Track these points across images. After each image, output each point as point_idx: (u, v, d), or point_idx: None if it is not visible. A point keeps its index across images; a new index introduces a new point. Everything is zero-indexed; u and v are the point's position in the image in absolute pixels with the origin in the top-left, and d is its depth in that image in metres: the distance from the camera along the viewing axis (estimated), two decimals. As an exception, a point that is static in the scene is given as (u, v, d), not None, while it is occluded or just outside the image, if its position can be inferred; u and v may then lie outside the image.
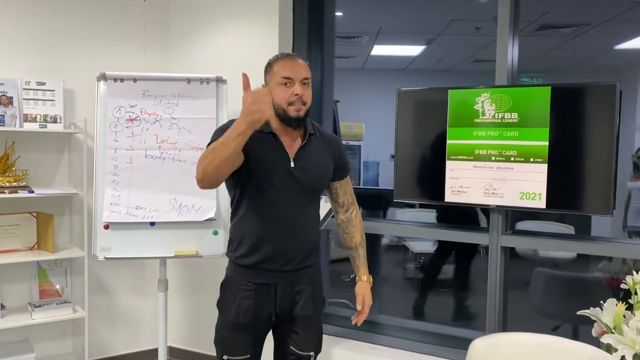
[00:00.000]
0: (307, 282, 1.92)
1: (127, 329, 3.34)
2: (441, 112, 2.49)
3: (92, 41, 3.14)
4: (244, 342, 1.86)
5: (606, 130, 2.15)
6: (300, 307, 1.89)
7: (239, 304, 1.85)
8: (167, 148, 2.73)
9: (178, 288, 3.34)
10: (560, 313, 3.01)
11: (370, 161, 7.34)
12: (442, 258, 4.75)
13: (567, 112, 2.23)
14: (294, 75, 1.78)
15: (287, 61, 1.81)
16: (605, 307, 1.87)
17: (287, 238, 1.85)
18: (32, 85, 2.86)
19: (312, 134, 1.90)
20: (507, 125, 2.35)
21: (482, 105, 2.40)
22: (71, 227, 3.10)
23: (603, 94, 2.18)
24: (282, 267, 1.86)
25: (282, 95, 1.78)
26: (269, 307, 1.87)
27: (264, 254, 1.84)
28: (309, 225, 1.92)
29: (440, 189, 2.51)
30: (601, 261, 2.88)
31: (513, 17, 2.48)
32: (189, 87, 2.76)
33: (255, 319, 1.86)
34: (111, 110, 2.72)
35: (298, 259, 1.88)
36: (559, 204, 2.27)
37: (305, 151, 1.86)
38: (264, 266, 1.85)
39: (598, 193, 2.18)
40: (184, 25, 3.33)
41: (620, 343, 1.76)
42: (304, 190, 1.86)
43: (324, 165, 1.92)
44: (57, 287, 3.02)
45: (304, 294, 1.90)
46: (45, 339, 3.04)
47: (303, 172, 1.84)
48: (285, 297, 1.88)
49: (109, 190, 2.69)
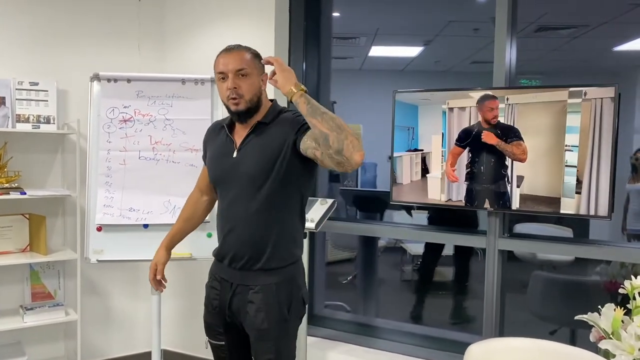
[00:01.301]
0: (261, 289, 1.76)
1: (120, 332, 3.30)
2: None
3: (86, 41, 3.11)
4: (217, 329, 1.93)
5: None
6: (249, 318, 1.78)
7: (209, 292, 1.94)
8: (161, 149, 2.70)
9: (172, 291, 3.29)
10: (558, 317, 2.99)
11: (368, 162, 7.31)
12: (431, 259, 4.70)
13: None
14: (225, 68, 1.75)
15: (222, 54, 1.79)
16: (603, 312, 1.84)
17: (234, 233, 1.81)
18: (25, 85, 2.83)
19: (264, 123, 1.79)
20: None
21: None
22: (64, 228, 3.07)
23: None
24: (232, 264, 1.82)
25: (220, 91, 1.79)
26: (224, 303, 1.86)
27: (218, 248, 1.90)
28: (260, 222, 1.75)
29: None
30: (599, 264, 2.86)
31: (511, 18, 2.46)
32: (183, 87, 2.73)
33: (220, 309, 1.88)
34: (104, 111, 2.69)
35: (246, 259, 1.79)
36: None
37: (250, 140, 1.80)
38: (226, 263, 1.86)
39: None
40: (179, 25, 3.30)
41: (619, 349, 1.73)
42: (242, 180, 1.77)
43: (266, 152, 1.74)
44: (54, 289, 2.99)
45: (255, 304, 1.77)
46: (37, 342, 3.01)
47: (241, 161, 1.80)
48: (237, 299, 1.82)
49: (102, 192, 2.66)
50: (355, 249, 4.65)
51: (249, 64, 1.76)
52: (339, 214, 4.02)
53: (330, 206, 2.56)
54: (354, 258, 5.18)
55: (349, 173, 7.04)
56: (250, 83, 1.75)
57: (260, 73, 1.80)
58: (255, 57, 1.80)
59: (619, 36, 5.69)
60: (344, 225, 3.10)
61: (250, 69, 1.75)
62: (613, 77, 6.76)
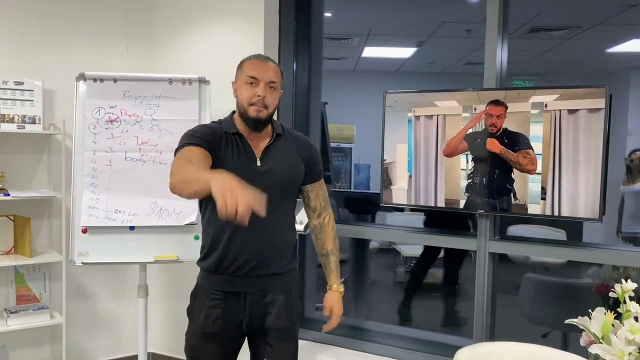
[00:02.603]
0: (280, 291, 1.84)
1: (106, 335, 3.26)
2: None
3: (73, 40, 3.06)
4: (213, 352, 1.82)
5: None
6: (272, 319, 1.82)
7: (207, 312, 1.81)
8: (148, 150, 2.66)
9: (159, 293, 3.27)
10: (550, 320, 2.97)
11: (362, 164, 7.30)
12: (427, 262, 4.69)
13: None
14: (260, 75, 1.76)
15: (256, 61, 1.80)
16: (594, 316, 1.82)
17: (255, 241, 1.77)
18: (9, 84, 2.79)
19: (280, 134, 1.86)
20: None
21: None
22: (50, 230, 3.03)
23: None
24: (252, 272, 1.78)
25: (246, 94, 1.77)
26: (238, 317, 1.81)
27: (231, 259, 1.79)
28: (280, 228, 1.83)
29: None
30: (592, 267, 2.84)
31: (502, 19, 2.44)
32: (170, 87, 2.69)
33: (224, 329, 1.81)
34: (90, 111, 2.65)
35: (268, 264, 1.81)
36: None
37: (272, 150, 1.83)
38: (232, 272, 1.79)
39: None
40: (168, 25, 3.26)
41: (609, 353, 1.71)
42: (272, 190, 1.72)
43: (293, 163, 1.86)
44: (39, 292, 2.95)
45: (276, 305, 1.82)
46: (22, 345, 2.96)
47: (270, 170, 1.80)
48: (255, 306, 1.82)
49: (88, 194, 2.62)
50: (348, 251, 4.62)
51: (279, 79, 1.82)
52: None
53: (320, 208, 2.52)
54: (346, 260, 5.16)
55: (340, 177, 7.04)
56: (276, 97, 1.81)
57: (281, 89, 1.87)
58: (282, 75, 1.87)
59: (611, 38, 5.70)
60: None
61: (278, 85, 1.81)
62: (606, 78, 6.77)
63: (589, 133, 2.14)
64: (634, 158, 4.76)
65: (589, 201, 2.16)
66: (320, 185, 1.97)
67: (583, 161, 2.16)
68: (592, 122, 2.13)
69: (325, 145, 3.63)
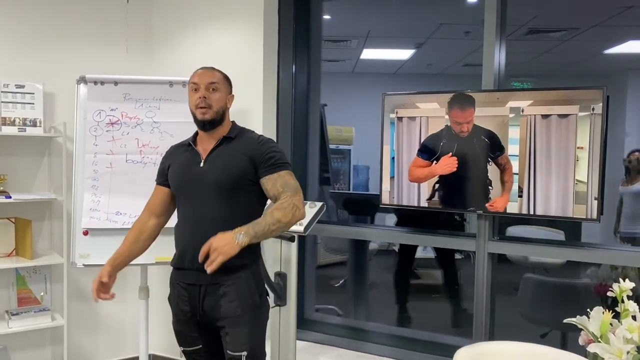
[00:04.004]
0: (233, 284, 1.92)
1: (107, 337, 3.27)
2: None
3: (73, 43, 3.08)
4: (192, 335, 2.02)
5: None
6: (224, 308, 1.92)
7: (177, 301, 2.03)
8: (148, 152, 2.68)
9: (160, 295, 3.26)
10: (549, 320, 2.98)
11: (361, 165, 7.31)
12: (405, 258, 4.64)
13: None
14: (199, 80, 1.97)
15: (198, 71, 2.02)
16: (592, 315, 1.83)
17: (199, 237, 1.83)
18: (10, 88, 2.80)
19: (230, 137, 2.00)
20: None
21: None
22: (51, 232, 3.04)
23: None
24: (200, 267, 1.81)
25: (191, 100, 1.98)
26: (196, 306, 1.96)
27: (182, 255, 1.97)
28: (226, 224, 1.84)
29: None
30: (590, 267, 2.85)
31: (500, 21, 2.45)
32: (171, 90, 2.71)
33: (192, 316, 1.98)
34: (91, 114, 2.66)
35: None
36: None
37: (216, 152, 1.98)
38: (186, 266, 1.95)
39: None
40: (167, 28, 3.28)
41: (607, 352, 1.72)
42: (210, 187, 1.92)
43: (233, 161, 1.94)
44: (41, 294, 2.96)
45: (228, 296, 1.92)
46: (23, 347, 2.97)
47: (210, 169, 1.95)
48: (210, 298, 1.93)
49: (89, 196, 2.63)
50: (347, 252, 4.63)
51: (220, 81, 2.00)
52: (330, 217, 4.00)
53: (319, 209, 2.54)
54: (346, 261, 5.17)
55: (339, 178, 7.05)
56: (219, 97, 1.98)
57: (227, 92, 2.03)
58: (225, 79, 2.04)
59: (609, 39, 5.72)
60: (334, 228, 3.09)
61: (220, 85, 1.99)
62: (604, 79, 6.79)
63: (560, 136, 2.23)
64: (633, 159, 4.77)
65: (559, 200, 2.23)
66: (278, 176, 1.93)
67: (555, 163, 2.24)
68: (562, 127, 2.23)
69: (324, 147, 3.64)
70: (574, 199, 2.21)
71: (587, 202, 2.19)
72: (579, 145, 2.20)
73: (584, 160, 2.19)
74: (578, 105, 2.19)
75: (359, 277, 4.19)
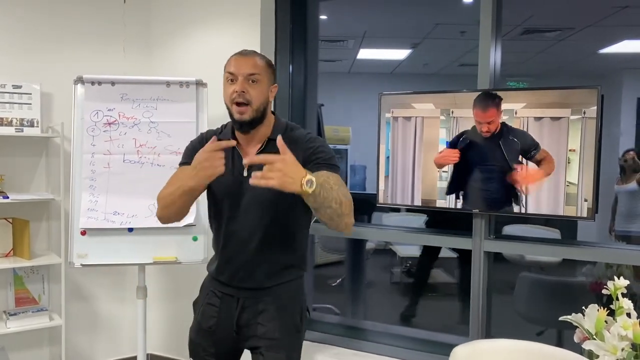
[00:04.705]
0: (272, 301, 1.75)
1: (105, 336, 3.27)
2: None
3: (71, 44, 3.08)
4: (207, 350, 1.81)
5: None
6: (261, 327, 1.75)
7: (204, 309, 1.83)
8: (146, 152, 2.68)
9: (158, 295, 3.28)
10: (545, 318, 3.00)
11: (358, 165, 7.32)
12: (427, 262, 4.72)
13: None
14: (236, 70, 1.65)
15: (235, 57, 1.70)
16: (587, 312, 1.85)
17: (244, 255, 1.72)
18: (7, 88, 2.80)
19: (274, 140, 1.59)
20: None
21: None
22: (49, 233, 3.04)
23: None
24: (242, 284, 1.75)
25: (225, 93, 1.68)
26: (232, 319, 1.78)
27: (225, 270, 1.79)
28: (274, 241, 1.72)
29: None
30: (586, 265, 2.87)
31: (495, 21, 2.46)
32: (168, 90, 2.71)
33: (218, 328, 1.79)
34: (89, 114, 2.66)
35: (260, 278, 1.75)
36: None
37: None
38: (226, 281, 1.79)
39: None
40: (165, 28, 3.28)
41: (602, 349, 1.74)
42: (259, 201, 1.68)
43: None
44: (38, 294, 2.96)
45: (267, 313, 1.75)
46: (21, 347, 2.97)
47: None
48: (247, 312, 1.77)
49: (86, 196, 2.63)
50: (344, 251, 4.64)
51: (262, 71, 1.67)
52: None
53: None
54: (343, 260, 5.19)
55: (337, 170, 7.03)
56: (260, 91, 1.66)
57: (271, 83, 1.72)
58: (269, 66, 1.72)
59: (604, 39, 5.75)
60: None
61: (262, 76, 1.66)
62: (599, 79, 6.82)
63: (552, 138, 2.25)
64: (628, 158, 4.81)
65: (550, 201, 2.25)
66: (330, 174, 1.61)
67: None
68: (554, 129, 2.24)
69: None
70: (565, 200, 2.23)
71: (577, 203, 2.21)
72: (570, 148, 2.21)
73: (575, 163, 2.21)
74: (570, 108, 2.20)
75: (356, 277, 4.20)
